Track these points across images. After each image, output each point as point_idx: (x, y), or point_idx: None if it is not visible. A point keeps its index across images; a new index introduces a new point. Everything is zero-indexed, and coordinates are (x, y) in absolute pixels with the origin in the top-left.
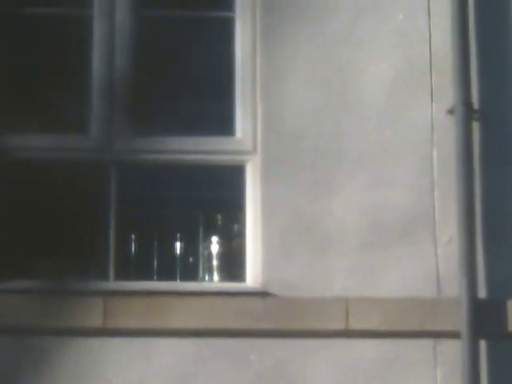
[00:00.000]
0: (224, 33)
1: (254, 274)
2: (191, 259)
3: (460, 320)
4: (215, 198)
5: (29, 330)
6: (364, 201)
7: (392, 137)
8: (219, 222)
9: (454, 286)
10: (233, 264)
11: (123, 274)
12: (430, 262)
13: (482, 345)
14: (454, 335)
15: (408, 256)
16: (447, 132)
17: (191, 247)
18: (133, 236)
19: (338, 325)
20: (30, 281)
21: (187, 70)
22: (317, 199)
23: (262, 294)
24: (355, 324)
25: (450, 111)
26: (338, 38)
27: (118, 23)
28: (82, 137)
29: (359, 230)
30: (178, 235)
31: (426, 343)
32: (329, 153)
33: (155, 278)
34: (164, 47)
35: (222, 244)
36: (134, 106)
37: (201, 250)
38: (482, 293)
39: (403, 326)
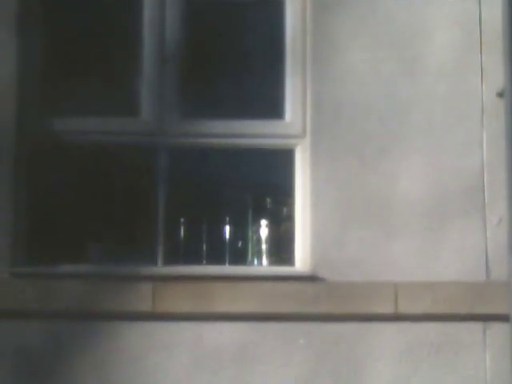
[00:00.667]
0: (274, 14)
1: (302, 258)
2: (240, 243)
3: (509, 303)
4: (264, 182)
5: (79, 314)
6: (413, 184)
7: (442, 119)
8: (268, 206)
9: (503, 269)
10: (282, 248)
11: (172, 258)
12: (480, 245)
13: None
14: (503, 318)
15: (457, 239)
16: (497, 114)
17: (240, 231)
18: (182, 220)
19: (388, 308)
20: (80, 265)
21: (237, 53)
22: (366, 183)
23: (310, 278)
24: (404, 308)
25: (500, 94)
26: (391, 20)
27: (168, 6)
28: (132, 120)
29: (408, 213)
30: (227, 219)
31: (476, 326)
32: (377, 136)
33: (204, 262)
34: (214, 30)
35: (271, 228)
36: (185, 89)
37: (250, 233)
38: None
39: (452, 310)
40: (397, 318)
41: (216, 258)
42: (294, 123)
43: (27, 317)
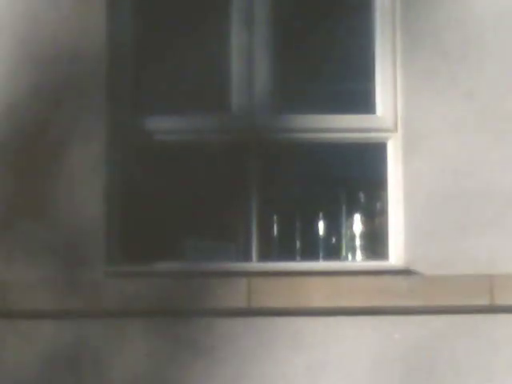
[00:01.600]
0: (363, 9)
1: (396, 253)
2: (334, 238)
3: None
4: (357, 176)
5: (175, 312)
6: (507, 175)
7: None
8: (361, 201)
9: None
10: (375, 242)
11: (266, 254)
12: None
13: None
14: None
15: None
16: None
17: (333, 226)
18: (275, 216)
19: (483, 301)
20: (175, 263)
21: (327, 48)
22: (459, 175)
23: (405, 272)
24: (500, 300)
25: None
26: (479, 18)
27: (257, 3)
28: (223, 116)
29: (504, 204)
30: (321, 214)
31: None
32: (470, 127)
33: (298, 257)
34: (303, 25)
35: (364, 222)
36: (275, 84)
37: (343, 228)
38: None
39: None
40: (493, 310)
41: (310, 253)
42: (386, 117)
43: (122, 316)
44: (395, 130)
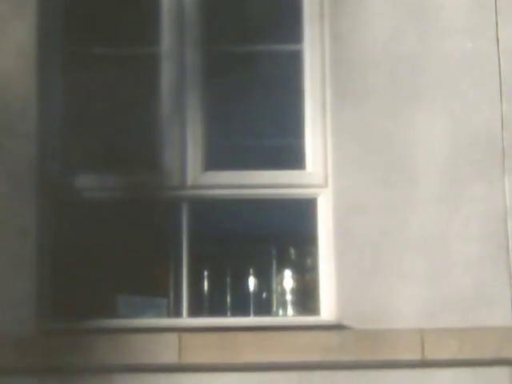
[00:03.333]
0: (293, 65)
1: (328, 307)
2: (264, 294)
3: None
4: (288, 232)
5: (107, 368)
6: (440, 228)
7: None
8: (292, 256)
9: None
10: (307, 298)
11: (197, 310)
12: (505, 291)
13: None
14: None
15: (482, 285)
16: None
17: (264, 282)
18: (206, 272)
19: (414, 355)
20: (106, 319)
21: (258, 105)
22: (389, 230)
23: (336, 327)
24: (431, 354)
25: None
26: (408, 68)
27: (187, 60)
28: (154, 173)
29: (432, 260)
30: (251, 270)
31: (503, 371)
32: (401, 182)
33: (229, 313)
34: (233, 82)
35: (295, 278)
36: (206, 141)
37: (274, 284)
38: None
39: (479, 355)
40: (424, 364)
41: (240, 308)
42: (316, 173)
43: (55, 373)
44: (325, 185)
